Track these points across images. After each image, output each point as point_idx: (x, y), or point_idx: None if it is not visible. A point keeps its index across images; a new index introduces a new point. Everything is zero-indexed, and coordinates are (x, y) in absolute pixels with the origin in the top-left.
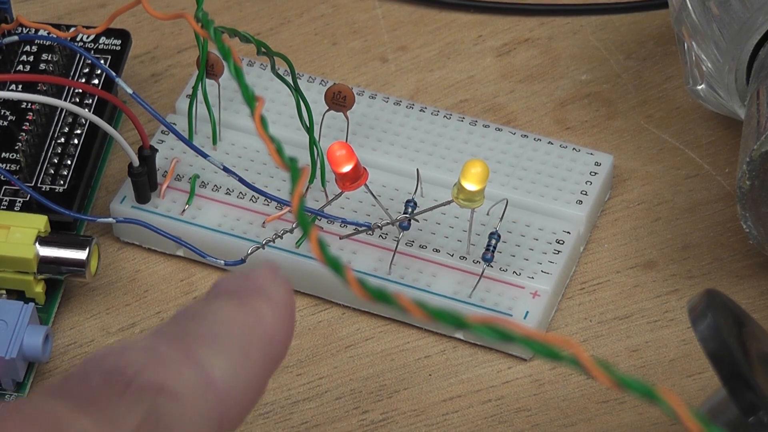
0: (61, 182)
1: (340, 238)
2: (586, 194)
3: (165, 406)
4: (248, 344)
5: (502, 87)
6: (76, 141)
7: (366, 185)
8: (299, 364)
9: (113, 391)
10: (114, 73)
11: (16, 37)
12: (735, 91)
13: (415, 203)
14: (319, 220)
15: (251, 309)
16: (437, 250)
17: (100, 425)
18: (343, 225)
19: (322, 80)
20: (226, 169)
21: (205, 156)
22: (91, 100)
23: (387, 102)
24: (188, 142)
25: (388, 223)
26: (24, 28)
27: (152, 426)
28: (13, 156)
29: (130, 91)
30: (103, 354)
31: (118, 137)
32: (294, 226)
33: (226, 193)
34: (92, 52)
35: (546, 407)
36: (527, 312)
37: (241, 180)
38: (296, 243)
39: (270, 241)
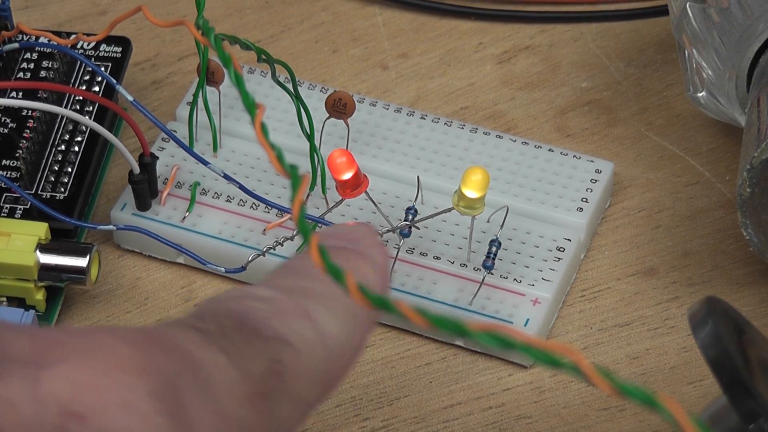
0: (62, 189)
1: None
2: (586, 201)
3: (287, 359)
4: (356, 306)
5: (502, 94)
6: (76, 148)
7: (366, 192)
8: None
9: (243, 336)
10: (115, 81)
11: (16, 45)
12: (735, 98)
13: (416, 210)
14: (320, 227)
15: (358, 270)
16: (438, 258)
17: (232, 363)
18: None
19: (323, 87)
20: (226, 177)
21: (205, 163)
22: (91, 108)
23: (387, 109)
24: (189, 150)
25: (388, 231)
26: (24, 36)
27: (276, 376)
28: (13, 163)
29: (130, 98)
30: (228, 299)
31: (119, 144)
32: (294, 233)
33: (227, 201)
34: (93, 59)
35: (546, 414)
36: (528, 319)
37: (242, 187)
38: (297, 250)
39: (271, 248)
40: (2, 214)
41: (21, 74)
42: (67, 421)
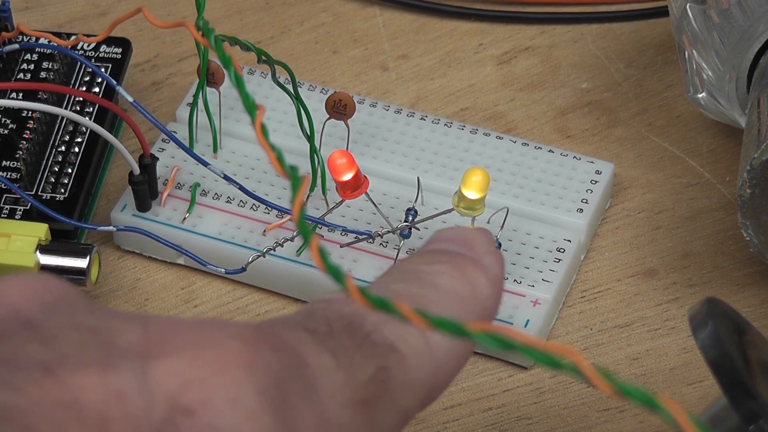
0: (62, 190)
1: (340, 246)
2: (586, 202)
3: (393, 367)
4: (464, 316)
5: (502, 95)
6: (76, 149)
7: (367, 194)
8: None
9: (353, 339)
10: (115, 82)
11: (16, 46)
12: (735, 99)
13: (416, 211)
14: (320, 228)
15: (470, 279)
16: None
17: (340, 366)
18: (343, 233)
19: (323, 88)
20: (226, 178)
21: (205, 164)
22: (91, 109)
23: (388, 110)
24: (189, 151)
25: (388, 232)
26: (24, 37)
27: (381, 384)
28: (13, 164)
29: (131, 99)
30: (339, 300)
31: (119, 145)
32: (294, 234)
33: (227, 202)
34: (93, 60)
35: (546, 415)
36: (528, 320)
37: (242, 188)
38: (297, 251)
39: (271, 249)
40: (2, 215)
41: (21, 75)
42: (175, 415)
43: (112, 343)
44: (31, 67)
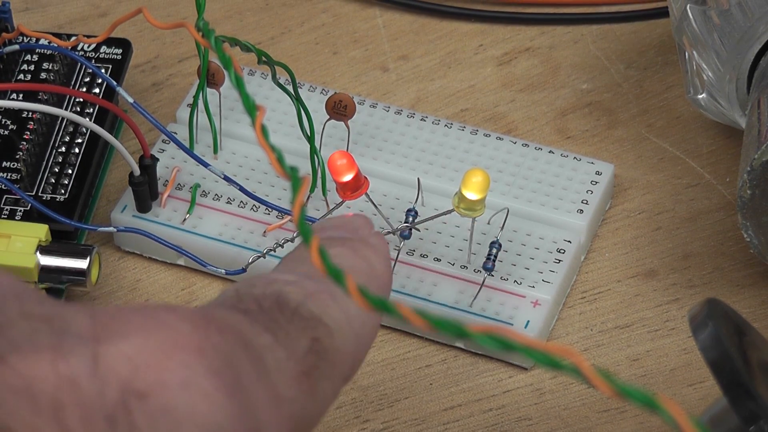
0: (62, 191)
1: None
2: (586, 203)
3: (324, 338)
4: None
5: (502, 96)
6: (77, 150)
7: (367, 194)
8: None
9: (284, 316)
10: (115, 83)
11: (17, 47)
12: (736, 100)
13: (416, 212)
14: None
15: (365, 258)
16: (438, 260)
17: (279, 343)
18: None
19: (323, 89)
20: (227, 179)
21: (205, 165)
22: (92, 109)
23: (388, 111)
24: (189, 152)
25: (389, 232)
26: (25, 38)
27: (318, 354)
28: (14, 165)
29: (131, 100)
30: (258, 282)
31: (119, 146)
32: (295, 235)
33: (227, 203)
34: (93, 61)
35: (547, 416)
36: (528, 321)
37: (242, 189)
38: (297, 253)
39: (271, 250)
40: (2, 216)
41: (21, 76)
42: (128, 398)
43: (63, 330)
44: (32, 67)
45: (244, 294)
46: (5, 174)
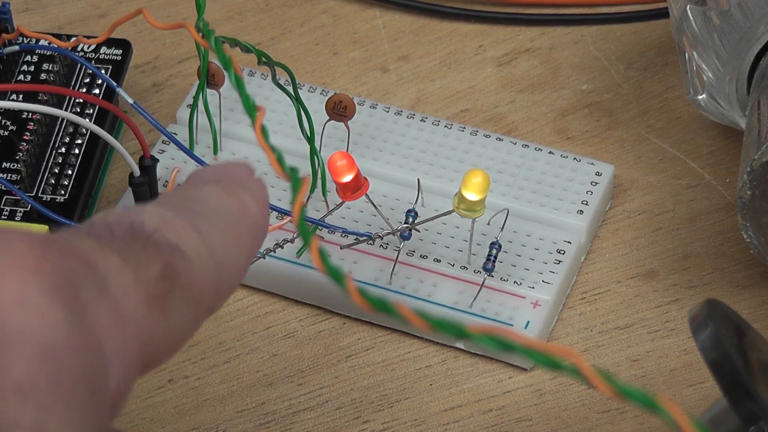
0: (62, 192)
1: (341, 248)
2: (586, 204)
3: (179, 264)
4: (238, 229)
5: (502, 97)
6: (77, 151)
7: (367, 195)
8: (300, 374)
9: (135, 241)
10: (115, 83)
11: (16, 47)
12: (736, 100)
13: (416, 213)
14: (320, 230)
15: (238, 198)
16: (438, 260)
17: (128, 264)
18: (343, 235)
19: (323, 90)
20: None
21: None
22: (91, 110)
23: (388, 112)
24: (189, 152)
25: (388, 233)
26: (25, 38)
27: (171, 280)
28: (14, 166)
29: (131, 101)
30: (117, 213)
31: (119, 147)
32: (295, 235)
33: None
34: (93, 62)
35: (547, 417)
36: (528, 322)
37: None
38: (297, 253)
39: (271, 250)
40: (2, 217)
41: (21, 77)
42: None
43: None
44: (32, 68)
45: (98, 221)
46: (5, 175)
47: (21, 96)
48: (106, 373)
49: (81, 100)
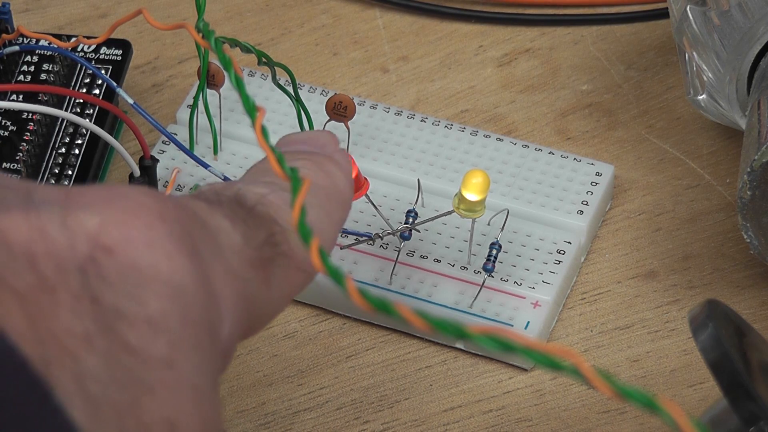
0: None
1: (340, 248)
2: (587, 204)
3: (280, 235)
4: (329, 205)
5: (502, 97)
6: (77, 151)
7: (367, 195)
8: (300, 374)
9: (241, 210)
10: (115, 84)
11: (16, 48)
12: (736, 101)
13: (416, 213)
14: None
15: (328, 174)
16: (438, 261)
17: (236, 227)
18: (343, 235)
19: (323, 90)
20: (226, 180)
21: (205, 166)
22: (92, 110)
23: (388, 112)
24: (189, 153)
25: (388, 233)
26: (25, 39)
27: (273, 248)
28: (14, 166)
29: (131, 101)
30: (222, 184)
31: (119, 147)
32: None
33: None
34: (93, 62)
35: (547, 417)
36: (528, 322)
37: None
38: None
39: None
40: None
41: (21, 77)
42: (96, 252)
43: (32, 195)
44: (32, 69)
45: (205, 189)
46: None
47: (21, 96)
48: (221, 323)
49: (81, 101)
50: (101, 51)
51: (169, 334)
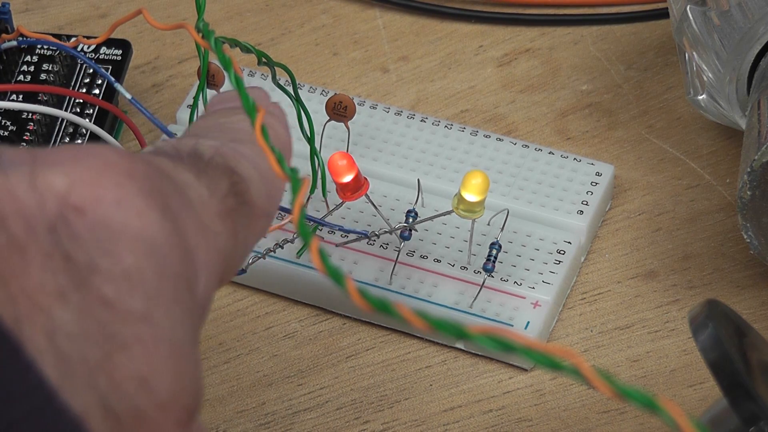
0: None
1: (335, 246)
2: (586, 204)
3: (239, 185)
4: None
5: (502, 97)
6: None
7: (367, 195)
8: (300, 374)
9: (201, 162)
10: (114, 79)
11: (14, 43)
12: (736, 101)
13: (416, 213)
14: (320, 230)
15: (268, 125)
16: (438, 261)
17: (200, 180)
18: (344, 235)
19: (323, 90)
20: None
21: None
22: (91, 110)
23: (388, 112)
24: None
25: (385, 232)
26: (25, 39)
27: (236, 198)
28: None
29: (129, 96)
30: (176, 139)
31: (119, 147)
32: (294, 236)
33: None
34: (93, 62)
35: (547, 417)
36: (528, 322)
37: None
38: (297, 253)
39: (271, 251)
40: None
41: (21, 77)
42: (66, 211)
43: (0, 158)
44: (31, 69)
45: (162, 145)
46: None
47: (21, 96)
48: (197, 276)
49: (81, 101)
50: (101, 51)
51: (146, 288)
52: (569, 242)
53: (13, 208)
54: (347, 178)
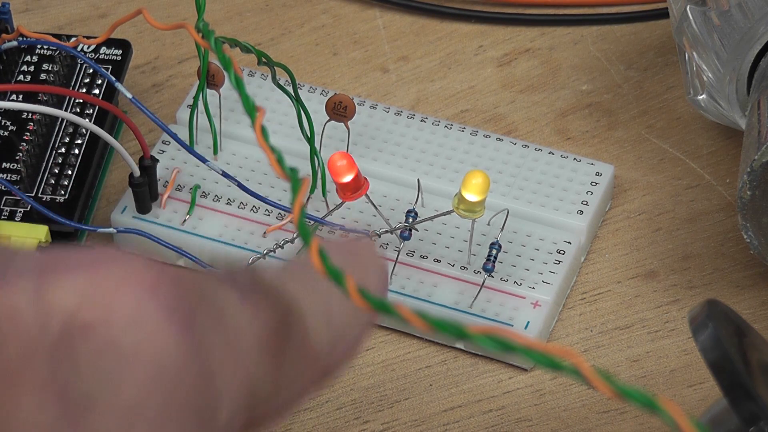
0: (62, 192)
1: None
2: (586, 204)
3: (296, 323)
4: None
5: (502, 97)
6: (76, 151)
7: (367, 195)
8: None
9: (256, 287)
10: (114, 78)
11: (15, 43)
12: (736, 101)
13: (416, 213)
14: (320, 230)
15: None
16: (438, 261)
17: (245, 302)
18: (342, 234)
19: (323, 90)
20: (225, 175)
21: (204, 161)
22: (91, 111)
23: (388, 112)
24: (188, 147)
25: (385, 232)
26: (25, 39)
27: (286, 333)
28: (13, 166)
29: (129, 95)
30: (241, 268)
31: (119, 147)
32: (295, 236)
33: (227, 204)
34: (93, 62)
35: (547, 417)
36: (528, 322)
37: (240, 185)
38: (297, 253)
39: (271, 251)
40: (2, 217)
41: (21, 77)
42: (72, 331)
43: (6, 264)
44: (31, 68)
45: (220, 269)
46: (5, 175)
47: (21, 96)
48: (216, 409)
49: (81, 101)
50: (101, 51)
51: (148, 422)
52: (569, 242)
53: (13, 327)
54: (347, 178)
